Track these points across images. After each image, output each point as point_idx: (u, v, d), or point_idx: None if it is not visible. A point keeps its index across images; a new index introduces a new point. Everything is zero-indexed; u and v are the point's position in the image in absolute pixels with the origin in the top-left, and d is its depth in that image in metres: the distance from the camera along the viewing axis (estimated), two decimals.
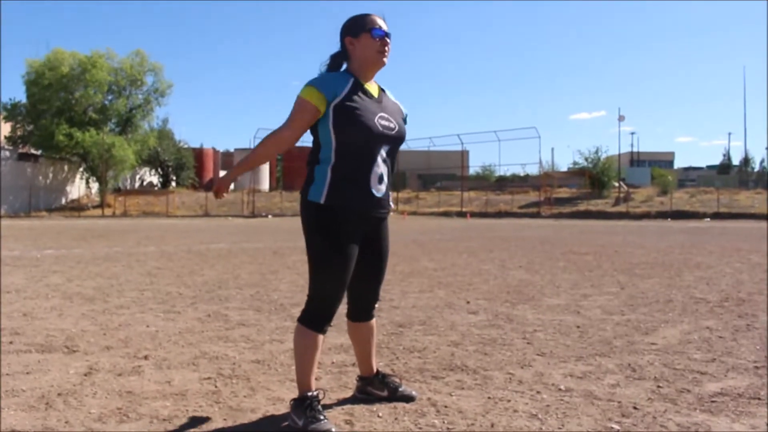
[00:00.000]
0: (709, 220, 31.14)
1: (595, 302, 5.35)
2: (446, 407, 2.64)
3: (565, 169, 48.18)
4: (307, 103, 2.39)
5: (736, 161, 67.96)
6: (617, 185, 40.76)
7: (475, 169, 55.83)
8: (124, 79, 39.87)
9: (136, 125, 41.57)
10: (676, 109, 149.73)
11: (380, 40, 2.46)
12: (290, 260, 9.02)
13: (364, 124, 2.38)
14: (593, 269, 7.98)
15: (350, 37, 2.49)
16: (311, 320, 2.46)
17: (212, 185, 2.62)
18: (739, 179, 51.18)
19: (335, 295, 2.46)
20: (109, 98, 40.06)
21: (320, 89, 2.38)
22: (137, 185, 48.83)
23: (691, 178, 63.62)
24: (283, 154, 55.53)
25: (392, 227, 2.68)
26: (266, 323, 4.42)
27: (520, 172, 51.88)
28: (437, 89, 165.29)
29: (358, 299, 2.68)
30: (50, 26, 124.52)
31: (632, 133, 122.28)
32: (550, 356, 3.50)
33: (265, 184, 50.81)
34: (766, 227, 20.91)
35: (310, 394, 2.41)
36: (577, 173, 44.99)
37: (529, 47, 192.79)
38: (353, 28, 2.49)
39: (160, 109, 49.14)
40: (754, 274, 7.44)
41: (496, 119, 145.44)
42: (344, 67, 2.55)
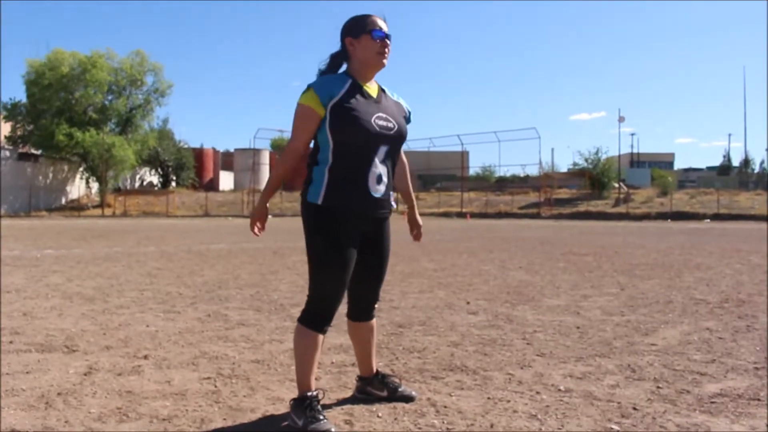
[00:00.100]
0: (709, 221, 31.15)
1: (595, 303, 5.35)
2: (446, 407, 2.64)
3: (565, 169, 48.29)
4: (306, 108, 2.41)
5: (736, 162, 67.99)
6: (617, 186, 40.79)
7: (475, 169, 55.92)
8: (124, 79, 39.93)
9: (136, 125, 41.62)
10: (676, 109, 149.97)
11: (380, 41, 2.46)
12: (290, 260, 9.02)
13: (360, 124, 2.39)
14: (593, 270, 7.98)
15: (350, 37, 2.50)
16: (311, 320, 2.47)
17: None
18: (739, 180, 51.18)
19: (335, 295, 2.46)
20: (109, 98, 40.13)
21: (317, 92, 2.40)
22: (137, 185, 48.86)
23: (691, 179, 63.67)
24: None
25: (392, 227, 2.68)
26: (266, 323, 4.42)
27: (520, 172, 52.02)
28: (437, 89, 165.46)
29: (358, 299, 2.69)
30: (50, 26, 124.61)
31: (632, 134, 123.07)
32: (549, 357, 3.50)
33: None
34: (766, 228, 20.92)
35: (309, 394, 2.41)
36: (577, 174, 45.01)
37: (529, 47, 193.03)
38: (354, 28, 2.49)
39: (160, 109, 49.32)
40: (754, 275, 7.44)
41: (496, 120, 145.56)
42: (344, 67, 2.56)
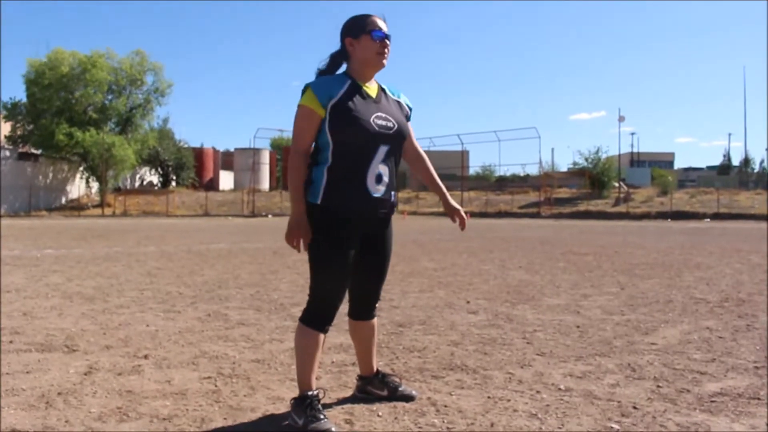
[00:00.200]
0: (709, 220, 31.14)
1: (595, 302, 5.35)
2: (446, 407, 2.64)
3: (565, 169, 48.25)
4: (306, 109, 2.42)
5: (736, 162, 68.00)
6: (617, 185, 40.78)
7: (475, 169, 55.84)
8: (124, 78, 39.90)
9: (136, 125, 41.60)
10: (676, 109, 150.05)
11: (380, 42, 2.47)
12: (290, 260, 9.02)
13: (360, 124, 2.39)
14: (593, 269, 7.98)
15: (350, 37, 2.50)
16: (312, 320, 2.47)
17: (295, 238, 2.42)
18: (739, 180, 51.20)
19: (335, 294, 2.46)
20: (109, 98, 40.09)
21: (315, 93, 2.40)
22: (137, 185, 48.85)
23: (691, 178, 63.72)
24: (283, 153, 54.94)
25: (393, 227, 2.68)
26: (266, 323, 4.42)
27: (520, 172, 51.99)
28: (437, 89, 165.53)
29: (359, 298, 2.69)
30: (50, 26, 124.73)
31: (632, 133, 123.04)
32: (549, 356, 3.50)
33: (265, 183, 50.80)
34: (766, 228, 20.92)
35: (310, 393, 2.41)
36: (577, 173, 44.98)
37: (529, 47, 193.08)
38: (353, 29, 2.49)
39: (160, 108, 49.27)
40: (754, 274, 7.45)
41: (496, 119, 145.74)
42: (344, 67, 2.56)
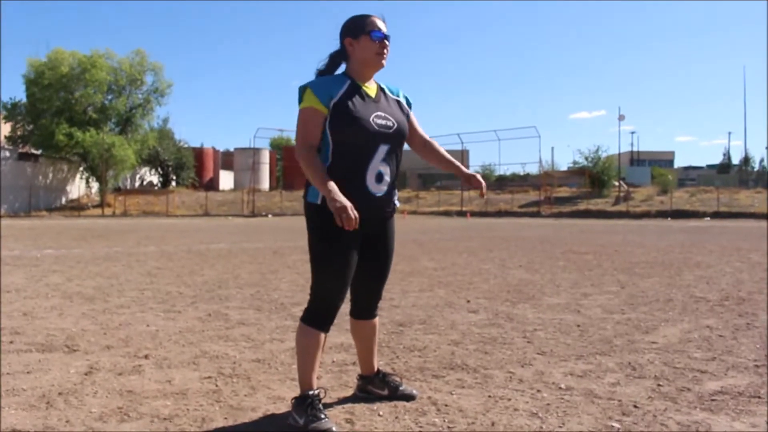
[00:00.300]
0: (709, 219, 31.14)
1: (595, 301, 5.35)
2: (447, 406, 2.64)
3: (565, 168, 48.22)
4: (309, 109, 2.41)
5: (736, 160, 68.12)
6: (617, 184, 40.76)
7: (475, 168, 55.67)
8: (124, 78, 39.91)
9: (136, 125, 41.61)
10: (676, 108, 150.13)
11: (379, 42, 2.47)
12: (290, 260, 9.02)
13: (360, 124, 2.39)
14: (593, 268, 7.98)
15: (350, 38, 2.50)
16: (313, 319, 2.47)
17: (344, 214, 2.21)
18: (739, 178, 51.23)
19: (336, 294, 2.46)
20: (109, 98, 40.11)
21: (316, 93, 2.40)
22: (137, 185, 48.88)
23: (691, 177, 63.73)
24: (283, 153, 54.81)
25: (395, 226, 2.68)
26: (266, 322, 4.42)
27: (520, 171, 52.01)
28: (437, 89, 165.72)
29: (360, 297, 2.69)
30: (50, 26, 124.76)
31: (632, 132, 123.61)
32: (550, 355, 3.50)
33: (265, 183, 50.80)
34: (766, 226, 20.92)
35: (311, 392, 2.41)
36: (577, 172, 44.98)
37: (529, 47, 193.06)
38: (353, 29, 2.49)
39: (160, 108, 49.35)
40: (754, 273, 7.44)
41: (496, 119, 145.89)
42: (343, 67, 2.56)
